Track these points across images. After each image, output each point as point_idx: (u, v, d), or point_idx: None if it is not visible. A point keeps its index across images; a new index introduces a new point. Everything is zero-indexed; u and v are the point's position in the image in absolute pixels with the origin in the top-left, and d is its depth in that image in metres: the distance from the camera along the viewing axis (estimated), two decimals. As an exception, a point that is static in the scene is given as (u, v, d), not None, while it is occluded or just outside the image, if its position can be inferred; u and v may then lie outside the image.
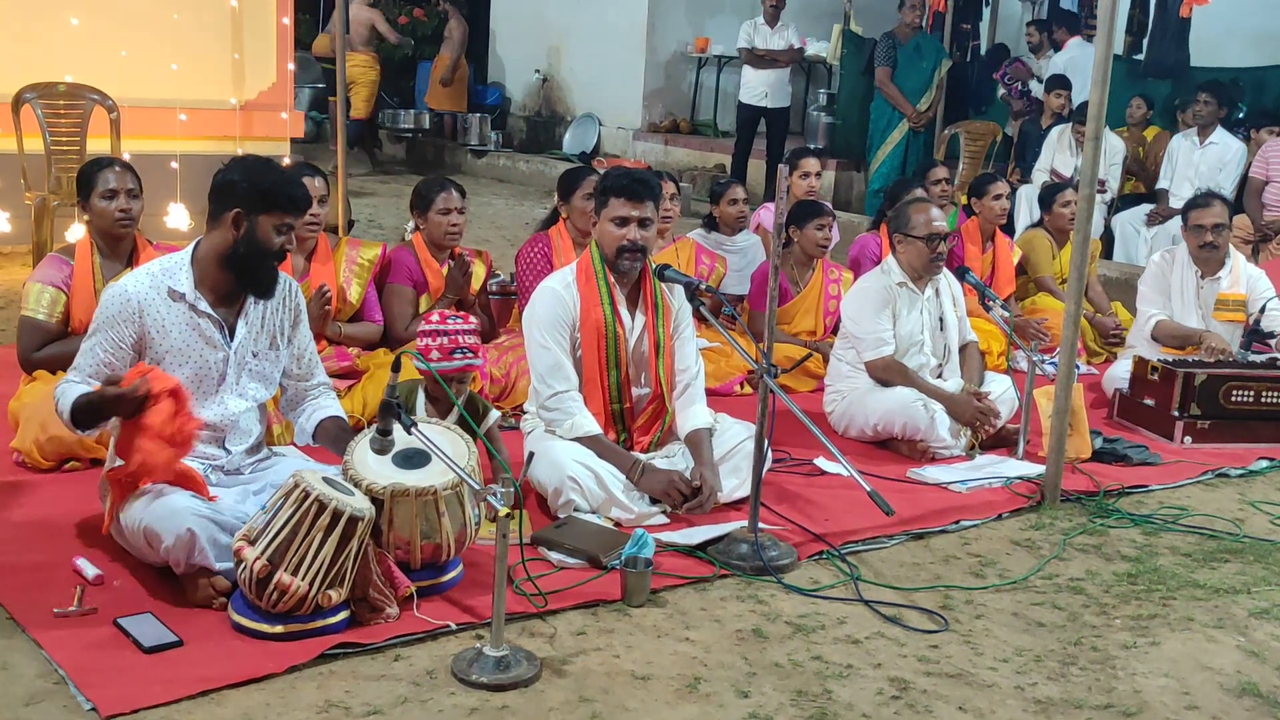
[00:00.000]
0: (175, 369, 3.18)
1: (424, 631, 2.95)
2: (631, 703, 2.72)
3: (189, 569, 2.98)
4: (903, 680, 2.90)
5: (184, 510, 2.97)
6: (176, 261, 3.24)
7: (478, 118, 12.99)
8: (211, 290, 3.24)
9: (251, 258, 3.17)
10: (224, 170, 3.21)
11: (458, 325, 3.62)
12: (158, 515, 2.97)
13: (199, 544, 2.94)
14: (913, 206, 4.88)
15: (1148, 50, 10.83)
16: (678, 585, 3.33)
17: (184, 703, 2.58)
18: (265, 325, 3.33)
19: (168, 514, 2.96)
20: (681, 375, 4.05)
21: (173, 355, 3.19)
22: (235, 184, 3.15)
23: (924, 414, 4.54)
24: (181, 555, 2.95)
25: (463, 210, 4.92)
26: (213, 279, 3.23)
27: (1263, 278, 5.59)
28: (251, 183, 3.13)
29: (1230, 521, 4.13)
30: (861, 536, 3.76)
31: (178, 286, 3.19)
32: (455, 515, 3.14)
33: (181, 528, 2.93)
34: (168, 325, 3.18)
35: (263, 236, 3.15)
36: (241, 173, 3.16)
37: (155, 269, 3.23)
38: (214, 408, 3.27)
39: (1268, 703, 2.90)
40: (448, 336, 3.60)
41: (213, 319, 3.24)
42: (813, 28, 11.97)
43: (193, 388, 3.20)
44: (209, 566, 2.98)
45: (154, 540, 2.97)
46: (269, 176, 3.17)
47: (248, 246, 3.15)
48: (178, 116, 7.14)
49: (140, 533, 3.00)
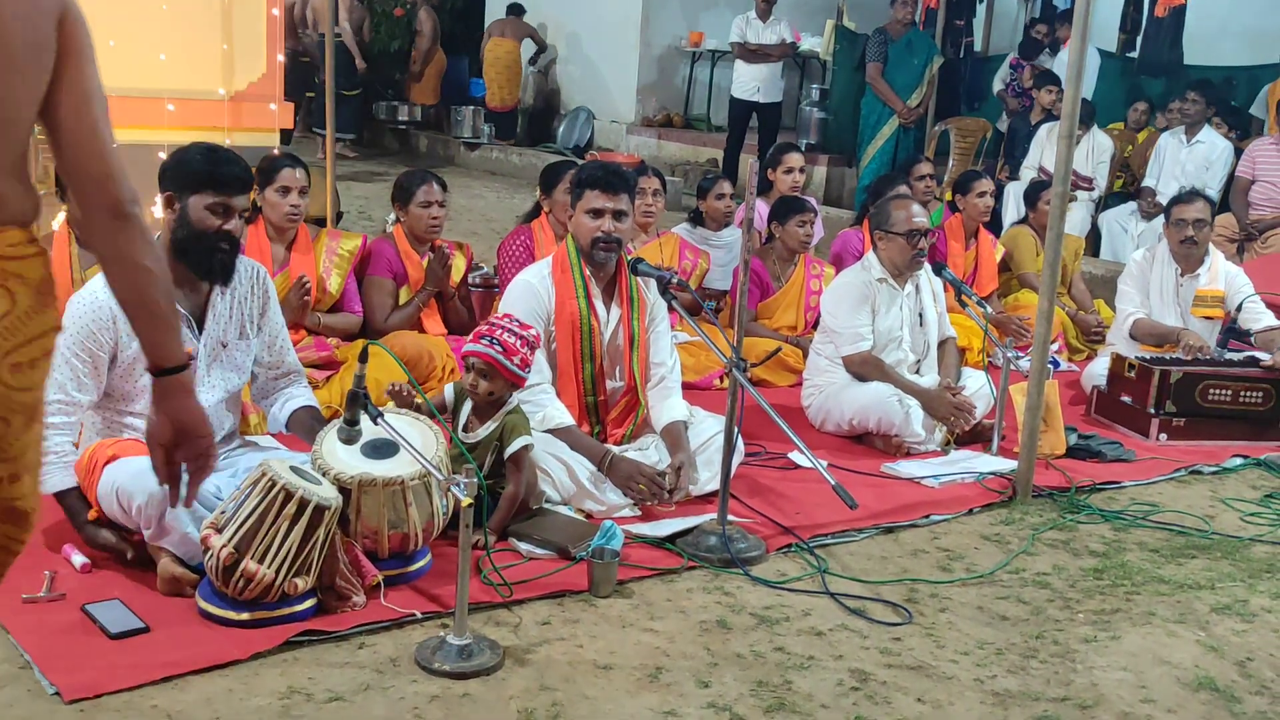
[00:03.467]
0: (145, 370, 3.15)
1: (390, 620, 2.98)
2: (592, 691, 2.74)
3: (159, 533, 2.97)
4: (863, 672, 2.93)
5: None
6: None
7: (470, 110, 12.98)
8: (175, 284, 3.22)
9: (190, 240, 3.16)
10: (165, 159, 3.24)
11: (522, 333, 3.53)
12: (130, 474, 2.98)
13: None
14: (894, 203, 4.90)
15: (1141, 48, 10.85)
16: (645, 576, 3.36)
17: (147, 688, 2.61)
18: (234, 314, 3.33)
19: (140, 472, 2.93)
20: (656, 369, 4.08)
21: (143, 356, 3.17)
22: (166, 168, 3.18)
23: (899, 409, 4.56)
24: (154, 513, 2.95)
25: (444, 203, 4.94)
26: (174, 272, 3.21)
27: (1241, 275, 5.62)
28: (178, 165, 3.16)
29: (1200, 518, 4.16)
30: (831, 530, 3.78)
31: None
32: (423, 505, 3.17)
33: (154, 484, 2.93)
34: None
35: (195, 218, 3.15)
36: (176, 157, 3.18)
37: None
38: None
39: (1224, 697, 2.94)
40: (506, 332, 3.50)
41: (179, 314, 3.22)
42: (806, 23, 11.98)
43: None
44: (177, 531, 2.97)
45: (126, 501, 2.98)
46: (196, 157, 3.17)
47: (184, 229, 3.16)
48: (166, 107, 7.12)
49: (114, 495, 3.01)
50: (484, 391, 3.49)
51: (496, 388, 3.49)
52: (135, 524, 3.02)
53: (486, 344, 3.47)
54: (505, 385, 3.51)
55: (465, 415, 3.58)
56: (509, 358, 3.46)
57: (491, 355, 3.46)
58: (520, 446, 3.46)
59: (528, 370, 3.53)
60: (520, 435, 3.48)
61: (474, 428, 3.54)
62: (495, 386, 3.49)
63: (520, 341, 3.51)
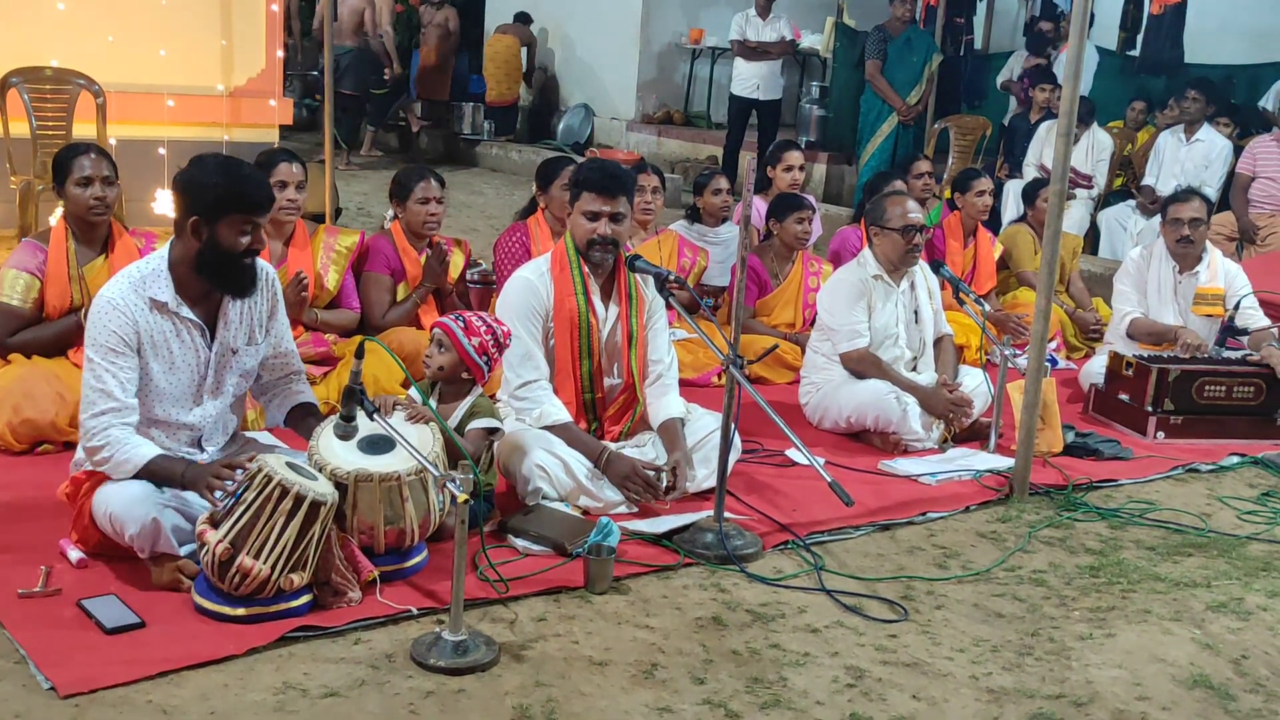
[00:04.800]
0: (163, 378, 3.14)
1: (385, 616, 2.98)
2: (587, 688, 2.75)
3: (153, 554, 3.00)
4: (859, 669, 2.93)
5: (148, 499, 2.98)
6: (155, 269, 3.14)
7: (470, 106, 12.97)
8: (190, 294, 3.16)
9: (219, 263, 3.10)
10: (180, 174, 3.12)
11: (493, 323, 3.58)
12: (123, 502, 2.98)
13: (163, 532, 2.96)
14: (889, 199, 4.90)
15: (1142, 46, 10.85)
16: (641, 573, 3.37)
17: (143, 683, 2.61)
18: (244, 320, 3.27)
19: (132, 502, 2.97)
20: (654, 366, 4.07)
21: (161, 364, 3.14)
22: (189, 191, 3.07)
23: (896, 407, 4.57)
24: (146, 543, 2.98)
25: (441, 200, 4.94)
26: (190, 283, 3.15)
27: (1240, 274, 5.61)
28: (206, 190, 3.05)
29: (1197, 516, 4.16)
30: (828, 527, 3.79)
31: (159, 296, 3.11)
32: (419, 501, 3.18)
33: (146, 516, 2.96)
34: (155, 336, 3.11)
35: (225, 241, 3.08)
36: (196, 179, 3.08)
37: (135, 277, 3.13)
38: (195, 411, 3.23)
39: (1219, 694, 2.94)
40: (477, 317, 3.57)
41: (193, 323, 3.17)
42: (806, 20, 11.98)
43: (176, 394, 3.18)
44: (173, 554, 3.00)
45: (120, 526, 2.99)
46: (223, 181, 3.06)
47: (213, 253, 3.08)
48: (165, 102, 7.13)
49: (107, 518, 3.02)
50: (435, 365, 3.58)
51: (447, 363, 3.56)
52: (127, 546, 3.02)
53: (452, 319, 3.58)
54: (457, 364, 3.56)
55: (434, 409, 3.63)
56: (468, 336, 3.53)
57: (451, 328, 3.55)
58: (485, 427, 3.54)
59: (485, 358, 3.56)
60: (484, 417, 3.56)
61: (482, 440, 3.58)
62: (446, 361, 3.56)
63: (485, 328, 3.56)
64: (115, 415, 3.05)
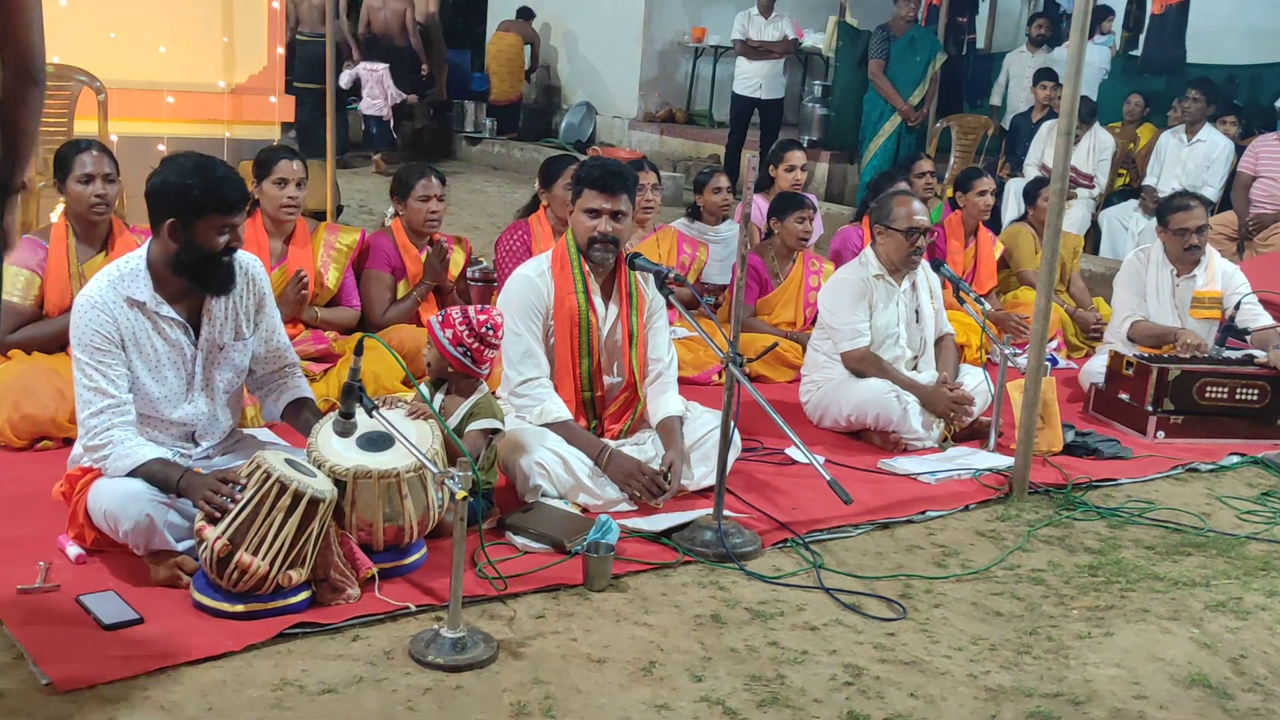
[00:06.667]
0: (147, 375, 3.14)
1: (384, 613, 2.98)
2: (585, 685, 2.75)
3: (150, 551, 3.01)
4: (857, 667, 2.93)
5: (142, 496, 2.98)
6: (134, 268, 3.13)
7: (473, 105, 12.97)
8: (170, 292, 3.15)
9: (197, 263, 3.09)
10: (153, 175, 3.09)
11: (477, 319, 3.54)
12: (118, 499, 2.98)
13: (157, 529, 2.96)
14: (895, 199, 4.89)
15: (1144, 46, 10.85)
16: (640, 571, 3.37)
17: (141, 679, 2.61)
18: (229, 316, 3.26)
19: (126, 499, 2.97)
20: (654, 365, 4.07)
21: (144, 361, 3.14)
22: (164, 193, 3.05)
23: (896, 406, 4.57)
24: (140, 540, 2.98)
25: (442, 197, 4.94)
26: (169, 282, 3.14)
27: (1238, 274, 5.61)
28: (180, 191, 3.03)
29: (1196, 516, 4.16)
30: (827, 525, 3.79)
31: (137, 295, 3.10)
32: (418, 498, 3.18)
33: (140, 513, 2.95)
34: (137, 334, 3.11)
35: (203, 242, 3.06)
36: (170, 180, 3.05)
37: (114, 276, 3.12)
38: (185, 407, 3.23)
39: (1217, 694, 2.94)
40: (462, 313, 3.55)
41: (176, 321, 3.17)
42: (809, 19, 11.98)
43: (164, 393, 3.18)
44: (171, 550, 3.01)
45: (114, 523, 2.99)
46: (198, 183, 3.03)
47: (190, 254, 3.07)
48: (166, 99, 7.13)
49: (101, 515, 3.02)
50: (425, 360, 3.64)
51: (433, 358, 3.59)
52: (123, 543, 3.02)
53: (437, 314, 3.61)
54: (440, 360, 3.56)
55: (436, 408, 3.61)
56: (443, 329, 3.53)
57: (430, 323, 3.59)
58: (484, 428, 3.53)
59: (460, 349, 3.52)
60: (485, 418, 3.55)
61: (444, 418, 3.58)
62: (432, 356, 3.60)
63: (461, 320, 3.52)
64: (114, 413, 3.05)
